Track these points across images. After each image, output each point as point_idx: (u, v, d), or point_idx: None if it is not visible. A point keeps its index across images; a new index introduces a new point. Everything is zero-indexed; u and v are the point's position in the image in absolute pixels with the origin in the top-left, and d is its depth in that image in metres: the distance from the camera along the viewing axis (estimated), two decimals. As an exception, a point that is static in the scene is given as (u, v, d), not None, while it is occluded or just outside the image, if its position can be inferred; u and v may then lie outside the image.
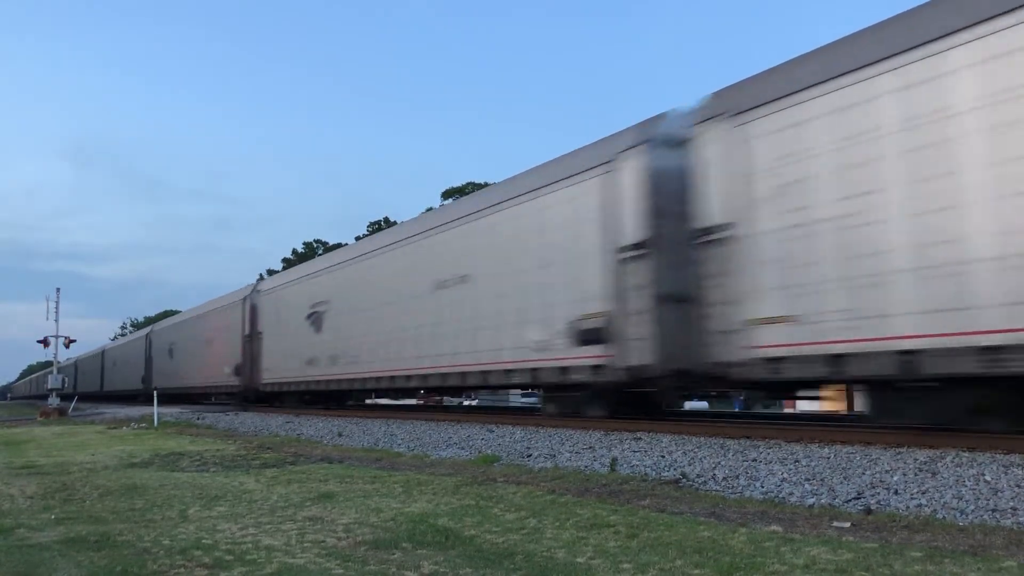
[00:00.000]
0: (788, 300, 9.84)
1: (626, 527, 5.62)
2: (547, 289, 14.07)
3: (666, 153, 12.01)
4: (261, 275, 76.68)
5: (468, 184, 59.41)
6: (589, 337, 12.91)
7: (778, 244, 10.02)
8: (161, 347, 44.07)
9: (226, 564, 4.85)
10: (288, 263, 70.19)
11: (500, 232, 15.63)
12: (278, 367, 26.90)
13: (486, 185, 46.26)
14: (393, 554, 5.04)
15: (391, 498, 7.32)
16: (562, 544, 5.16)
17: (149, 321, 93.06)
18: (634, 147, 12.44)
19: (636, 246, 12.13)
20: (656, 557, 4.73)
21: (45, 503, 7.70)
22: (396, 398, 30.96)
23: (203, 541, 5.54)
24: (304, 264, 32.04)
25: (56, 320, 39.75)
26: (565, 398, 14.58)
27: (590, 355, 12.91)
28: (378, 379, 20.36)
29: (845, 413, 19.12)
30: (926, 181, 8.61)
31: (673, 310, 11.61)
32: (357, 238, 55.45)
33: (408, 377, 18.93)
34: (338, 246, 61.35)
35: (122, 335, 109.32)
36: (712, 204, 10.98)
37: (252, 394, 29.48)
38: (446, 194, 61.00)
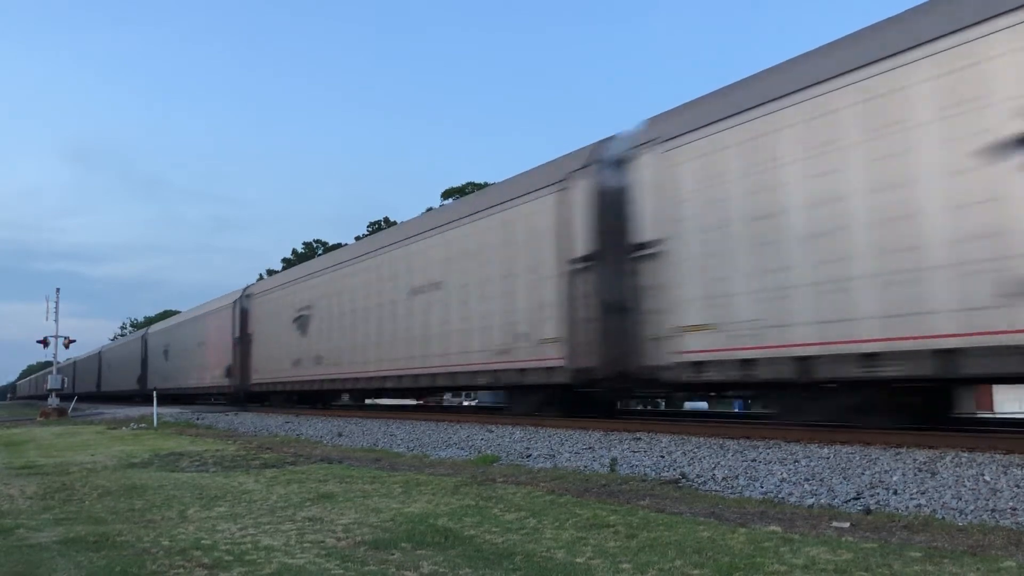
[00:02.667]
0: (708, 310, 10.97)
1: (626, 527, 5.62)
2: (509, 296, 15.18)
3: (611, 174, 13.11)
4: (261, 275, 76.69)
5: (468, 184, 59.38)
6: (542, 341, 14.14)
7: (699, 259, 11.19)
8: (156, 349, 45.08)
9: (225, 564, 4.85)
10: (288, 263, 70.19)
11: (469, 243, 16.77)
12: (267, 368, 27.99)
13: (486, 185, 46.28)
14: (392, 554, 5.04)
15: (390, 498, 7.32)
16: (562, 544, 5.16)
17: (149, 321, 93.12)
18: (584, 168, 13.62)
19: (584, 259, 13.29)
20: (655, 557, 4.74)
21: (45, 503, 7.70)
22: (391, 397, 31.50)
23: (202, 541, 5.54)
24: (291, 269, 33.39)
25: (56, 320, 39.77)
26: (524, 398, 15.67)
27: (543, 357, 14.03)
28: (357, 379, 21.52)
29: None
30: (821, 205, 9.69)
31: (615, 318, 12.72)
32: (357, 238, 55.45)
33: (385, 378, 19.94)
34: (338, 246, 61.37)
35: (122, 335, 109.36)
36: (646, 222, 12.17)
37: (243, 394, 30.44)
38: (446, 194, 60.97)
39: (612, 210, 12.87)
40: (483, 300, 15.94)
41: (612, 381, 13.00)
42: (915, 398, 9.77)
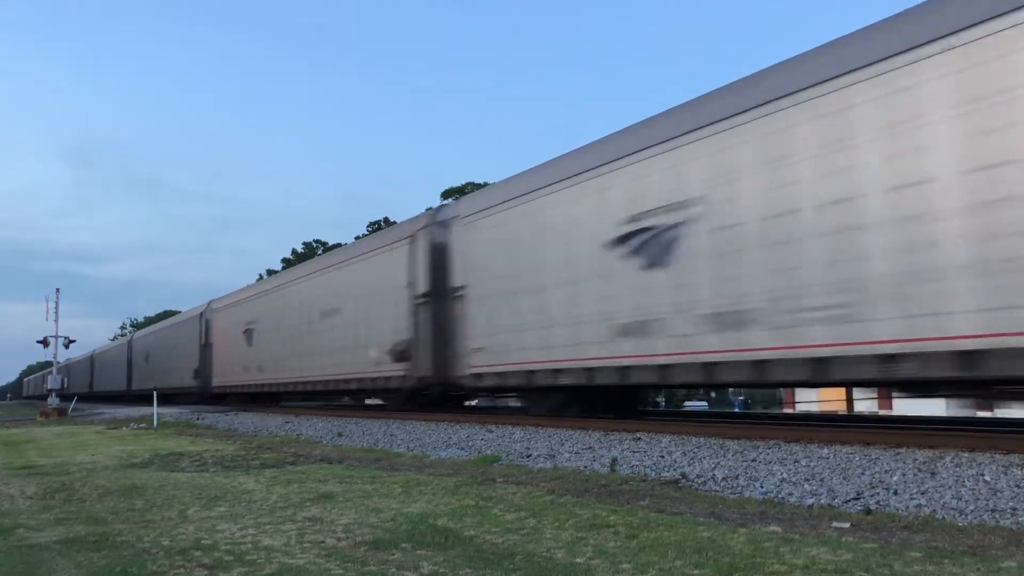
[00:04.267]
0: (486, 337, 15.74)
1: (626, 527, 5.62)
2: (380, 321, 19.78)
3: (440, 233, 17.94)
4: (260, 275, 76.66)
5: (468, 184, 59.29)
6: (400, 356, 18.68)
7: (482, 302, 16.02)
8: (140, 353, 49.18)
9: (225, 564, 4.85)
10: (287, 263, 70.16)
11: (356, 278, 21.69)
12: (224, 372, 32.98)
13: (485, 185, 46.29)
14: (392, 554, 5.04)
15: (391, 498, 7.32)
16: (562, 544, 5.16)
17: (149, 321, 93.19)
18: (425, 227, 18.43)
19: (424, 295, 18.04)
20: (655, 557, 4.74)
21: (45, 503, 7.70)
22: (309, 399, 35.65)
23: (203, 541, 5.54)
24: (242, 288, 38.08)
25: (56, 320, 39.80)
26: (392, 398, 20.93)
27: (400, 368, 18.65)
28: (285, 383, 26.54)
29: (845, 413, 19.10)
30: (534, 271, 14.70)
31: (440, 340, 17.50)
32: (356, 238, 55.44)
33: (306, 383, 24.80)
34: (337, 246, 61.36)
35: (121, 335, 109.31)
36: (456, 272, 17.00)
37: (207, 394, 34.94)
38: (446, 194, 60.86)
39: (440, 261, 17.65)
40: (363, 324, 20.75)
41: (438, 386, 17.83)
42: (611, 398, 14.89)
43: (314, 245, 75.10)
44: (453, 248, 17.18)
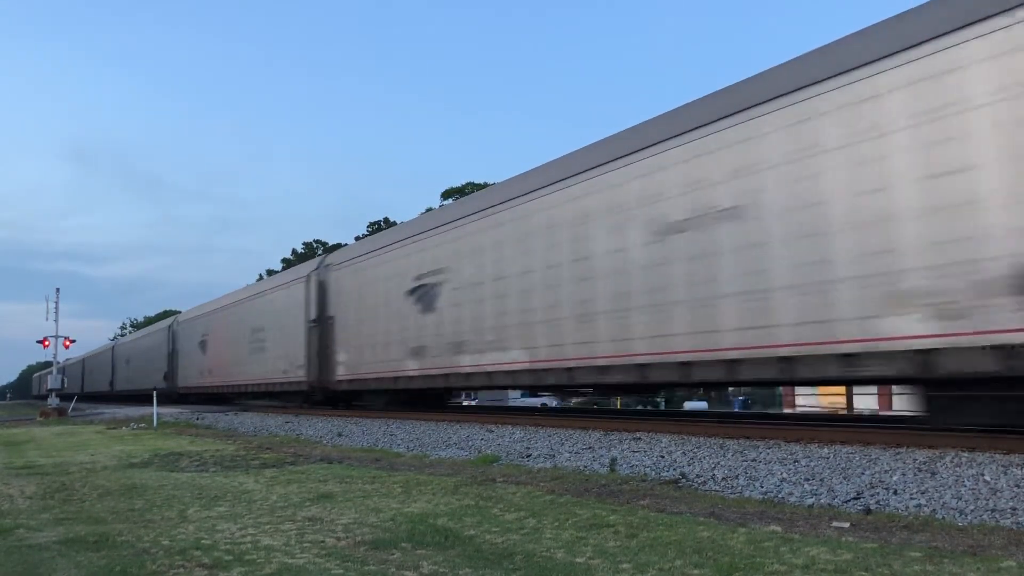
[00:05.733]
0: (349, 355, 21.93)
1: (625, 527, 5.62)
2: (286, 340, 25.93)
3: (325, 275, 23.84)
4: (260, 275, 76.59)
5: (468, 184, 59.31)
6: (299, 366, 24.74)
7: (347, 328, 22.09)
8: (122, 358, 47.32)
9: (225, 564, 4.85)
10: (287, 263, 70.14)
11: (271, 306, 27.82)
12: (187, 376, 36.87)
13: (485, 185, 46.30)
14: (392, 554, 5.04)
15: (390, 498, 7.32)
16: (561, 544, 5.16)
17: (149, 321, 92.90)
18: (316, 270, 24.61)
19: (313, 321, 23.96)
20: (655, 557, 4.73)
21: (44, 503, 7.70)
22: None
23: (202, 541, 5.54)
24: (200, 305, 40.40)
25: (56, 320, 39.79)
26: (293, 399, 27.32)
27: (300, 376, 24.73)
28: (229, 386, 32.02)
29: (845, 413, 19.11)
30: (377, 307, 20.64)
31: (323, 355, 23.34)
32: (356, 238, 55.39)
33: (243, 385, 30.51)
34: (338, 246, 61.30)
35: (121, 335, 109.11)
36: (331, 305, 23.21)
37: (174, 394, 36.90)
38: (446, 194, 60.90)
39: (322, 296, 23.68)
40: (279, 341, 26.63)
41: (319, 390, 23.80)
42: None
43: (314, 245, 75.07)
44: (329, 287, 23.38)
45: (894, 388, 17.86)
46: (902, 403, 20.00)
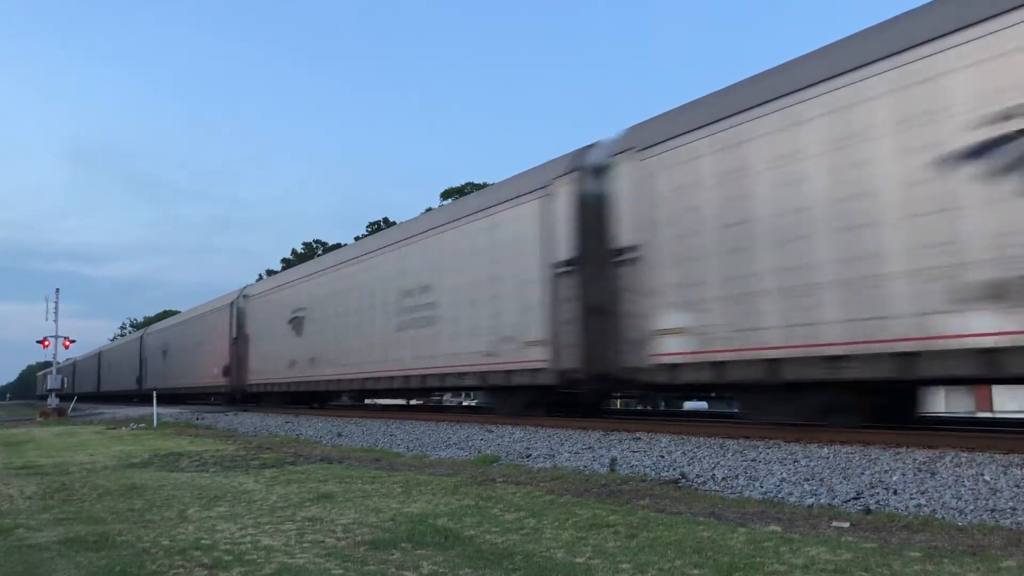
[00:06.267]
0: (683, 315, 11.28)
1: (625, 527, 5.62)
2: (496, 300, 15.53)
3: (592, 180, 13.45)
4: (260, 275, 76.60)
5: (467, 184, 59.33)
6: (532, 343, 14.39)
7: (673, 264, 11.50)
8: (154, 349, 44.63)
9: (225, 564, 4.84)
10: (287, 263, 70.14)
11: (459, 246, 16.99)
12: (263, 369, 28.83)
13: (485, 185, 46.15)
14: (392, 554, 5.03)
15: (390, 498, 7.32)
16: (561, 544, 5.16)
17: (149, 321, 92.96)
18: (566, 174, 13.96)
19: (567, 263, 13.65)
20: (655, 557, 4.73)
21: (44, 503, 7.70)
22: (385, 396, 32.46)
23: (202, 541, 5.53)
24: (284, 272, 37.31)
25: (55, 320, 39.81)
26: (510, 399, 16.05)
27: (531, 359, 14.31)
28: (352, 380, 22.26)
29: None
30: (787, 214, 9.96)
31: (596, 321, 12.99)
32: (356, 238, 55.40)
33: (380, 379, 20.67)
34: (337, 246, 61.32)
35: (121, 335, 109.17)
36: (624, 227, 12.48)
37: (239, 393, 30.99)
38: (445, 194, 60.93)
39: (592, 216, 13.26)
40: (471, 304, 16.32)
41: (592, 382, 13.35)
42: (881, 398, 10.39)
43: (314, 245, 75.10)
44: (615, 196, 13.77)
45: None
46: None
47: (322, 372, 23.51)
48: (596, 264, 13.07)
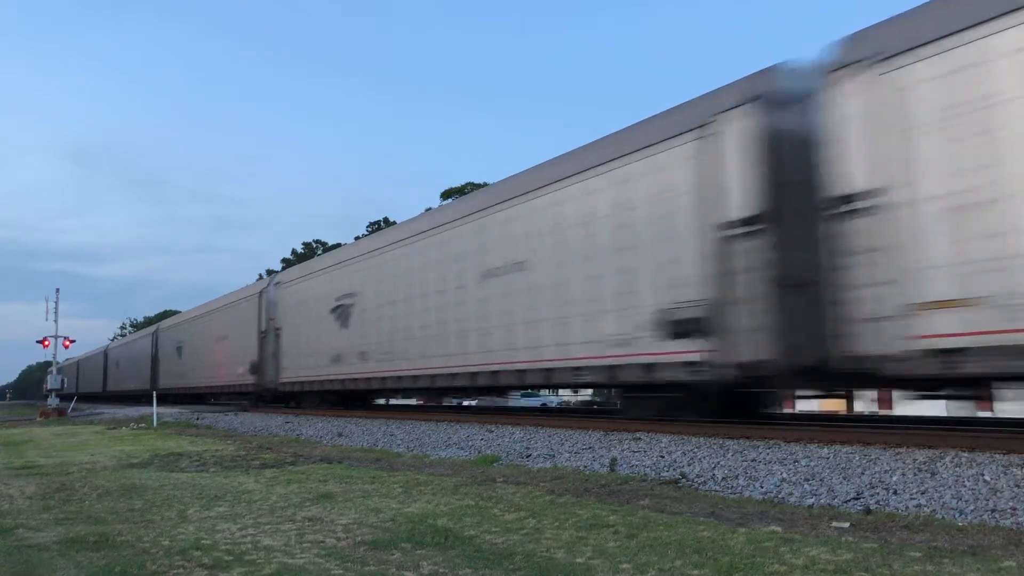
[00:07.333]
0: (964, 279, 8.14)
1: (625, 527, 5.62)
2: (628, 275, 12.30)
3: (782, 112, 10.36)
4: (260, 275, 76.57)
5: (467, 184, 59.34)
6: (683, 329, 11.21)
7: (948, 211, 8.26)
8: (168, 346, 41.99)
9: (225, 564, 4.84)
10: (288, 263, 70.14)
11: (568, 210, 13.76)
12: (300, 365, 25.15)
13: (485, 185, 46.07)
14: (392, 554, 5.03)
15: (390, 498, 7.32)
16: (561, 544, 5.16)
17: (149, 321, 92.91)
18: (739, 106, 10.66)
19: (746, 222, 10.37)
20: (655, 557, 4.73)
21: (44, 503, 7.69)
22: (459, 396, 31.23)
23: (202, 541, 5.53)
24: (323, 256, 31.53)
25: (55, 320, 39.76)
26: (651, 399, 12.87)
27: (684, 350, 11.21)
28: (416, 377, 18.60)
29: (845, 413, 19.11)
30: None
31: (797, 296, 9.94)
32: (356, 238, 55.42)
33: (454, 375, 17.08)
34: (337, 246, 61.31)
35: (121, 335, 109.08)
36: (852, 168, 9.22)
37: (270, 393, 27.76)
38: (445, 194, 60.91)
39: (787, 158, 10.18)
40: (589, 281, 13.11)
41: (792, 377, 10.37)
42: None
43: (314, 245, 75.09)
44: (831, 128, 9.21)
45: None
46: (902, 404, 19.97)
47: (377, 368, 19.77)
48: (798, 220, 9.98)
